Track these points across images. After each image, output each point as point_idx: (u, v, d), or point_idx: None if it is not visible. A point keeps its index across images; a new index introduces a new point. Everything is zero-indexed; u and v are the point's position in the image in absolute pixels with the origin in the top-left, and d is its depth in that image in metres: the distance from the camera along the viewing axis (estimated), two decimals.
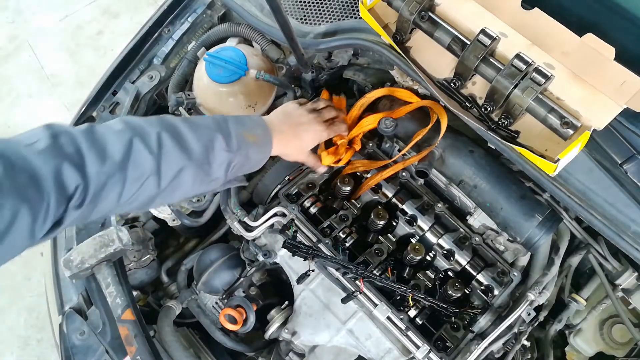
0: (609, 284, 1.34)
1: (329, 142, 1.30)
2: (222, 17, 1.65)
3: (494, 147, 1.15)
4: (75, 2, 3.50)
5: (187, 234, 1.65)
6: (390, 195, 1.35)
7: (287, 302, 1.33)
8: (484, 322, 1.22)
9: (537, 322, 1.32)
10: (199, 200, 1.44)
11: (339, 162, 1.30)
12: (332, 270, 1.24)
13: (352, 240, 1.31)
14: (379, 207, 1.32)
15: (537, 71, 0.98)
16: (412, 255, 1.25)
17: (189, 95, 1.44)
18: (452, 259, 1.29)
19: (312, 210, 1.34)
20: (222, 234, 1.58)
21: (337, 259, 1.21)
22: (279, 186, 1.35)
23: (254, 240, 1.34)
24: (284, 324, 1.28)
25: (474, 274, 1.27)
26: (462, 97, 1.11)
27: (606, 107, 0.96)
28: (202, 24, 1.64)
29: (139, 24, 1.67)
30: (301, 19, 1.39)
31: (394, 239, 1.32)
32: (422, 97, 1.31)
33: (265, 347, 1.43)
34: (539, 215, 1.22)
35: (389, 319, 1.19)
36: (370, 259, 1.26)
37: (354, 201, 1.35)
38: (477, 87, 1.11)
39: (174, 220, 1.48)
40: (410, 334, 1.17)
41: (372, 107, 1.37)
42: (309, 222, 1.28)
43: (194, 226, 1.46)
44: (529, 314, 1.24)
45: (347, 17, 1.33)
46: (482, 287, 1.26)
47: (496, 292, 1.25)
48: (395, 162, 1.34)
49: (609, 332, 1.41)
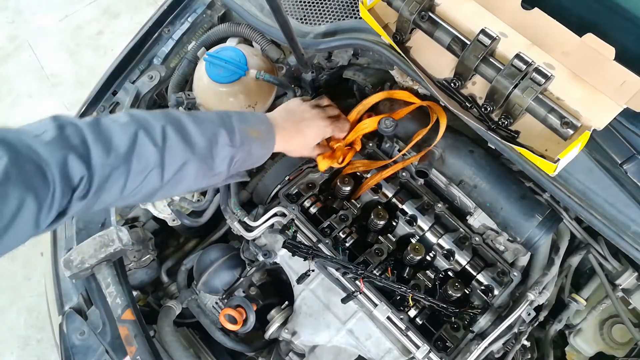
0: (609, 284, 1.34)
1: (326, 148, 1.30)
2: (222, 17, 1.64)
3: (494, 147, 1.15)
4: (75, 2, 3.50)
5: (187, 234, 1.65)
6: (390, 195, 1.35)
7: (287, 302, 1.33)
8: (484, 322, 1.23)
9: (537, 322, 1.32)
10: (199, 200, 1.44)
11: (342, 162, 1.30)
12: (332, 270, 1.23)
13: (352, 240, 1.31)
14: (379, 207, 1.32)
15: (537, 71, 0.98)
16: (412, 255, 1.25)
17: (189, 95, 1.44)
18: (452, 259, 1.29)
19: (312, 210, 1.34)
20: (222, 234, 1.58)
21: (337, 259, 1.21)
22: (279, 186, 1.35)
23: (254, 240, 1.34)
24: (284, 324, 1.28)
25: (474, 274, 1.27)
26: (462, 97, 1.11)
27: (606, 107, 0.96)
28: (202, 24, 1.63)
29: (139, 24, 1.67)
30: (301, 19, 1.39)
31: (394, 239, 1.32)
32: (422, 97, 1.31)
33: (265, 347, 1.43)
34: (539, 215, 1.22)
35: (389, 319, 1.19)
36: (370, 259, 1.26)
37: (354, 201, 1.35)
38: (477, 87, 1.11)
39: (174, 220, 1.49)
40: (410, 334, 1.17)
41: (372, 108, 1.37)
42: (309, 222, 1.28)
43: (194, 226, 1.46)
44: (529, 314, 1.24)
45: (347, 17, 1.33)
46: (482, 287, 1.26)
47: (496, 292, 1.25)
48: (395, 162, 1.34)
49: (609, 332, 1.41)
